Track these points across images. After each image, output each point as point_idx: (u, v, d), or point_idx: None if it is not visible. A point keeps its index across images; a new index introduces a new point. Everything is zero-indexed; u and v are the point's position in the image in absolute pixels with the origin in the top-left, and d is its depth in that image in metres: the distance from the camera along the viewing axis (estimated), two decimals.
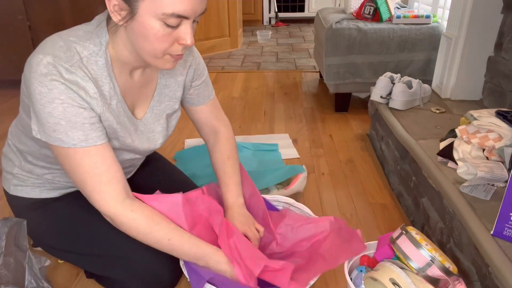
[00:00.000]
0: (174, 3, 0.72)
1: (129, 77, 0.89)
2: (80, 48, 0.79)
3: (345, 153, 1.86)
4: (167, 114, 1.01)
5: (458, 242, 1.02)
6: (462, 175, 1.12)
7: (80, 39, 0.80)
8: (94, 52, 0.81)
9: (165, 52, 0.79)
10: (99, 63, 0.81)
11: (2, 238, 0.95)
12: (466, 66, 1.66)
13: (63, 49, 0.78)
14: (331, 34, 2.09)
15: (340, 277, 1.13)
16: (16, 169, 1.02)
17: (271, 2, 5.23)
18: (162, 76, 0.97)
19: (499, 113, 1.20)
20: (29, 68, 0.77)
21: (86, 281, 1.12)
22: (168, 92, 1.00)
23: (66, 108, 0.77)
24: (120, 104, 0.87)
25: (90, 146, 0.80)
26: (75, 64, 0.78)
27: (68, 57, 0.77)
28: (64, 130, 0.78)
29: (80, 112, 0.78)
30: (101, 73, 0.82)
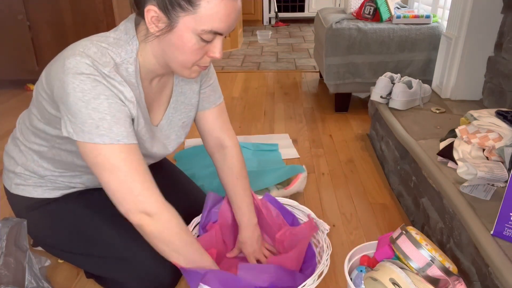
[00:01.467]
0: (214, 21, 0.75)
1: (149, 84, 0.90)
2: (113, 55, 0.80)
3: (345, 153, 1.86)
4: (183, 122, 1.02)
5: (458, 242, 1.02)
6: (462, 175, 1.12)
7: (112, 46, 0.81)
8: (126, 60, 0.82)
9: (194, 63, 0.82)
10: (129, 70, 0.83)
11: (3, 239, 0.95)
12: (466, 66, 1.66)
13: (98, 55, 0.78)
14: (331, 34, 2.09)
15: (340, 277, 1.13)
16: (19, 167, 1.01)
17: (271, 2, 5.23)
18: (177, 83, 0.98)
19: (499, 113, 1.20)
20: (65, 69, 0.76)
21: (86, 281, 1.12)
22: (184, 99, 1.00)
23: (112, 104, 0.77)
24: (142, 110, 0.88)
25: (131, 144, 0.80)
26: (113, 69, 0.79)
27: (105, 62, 0.78)
28: (108, 125, 0.77)
29: (124, 109, 0.80)
30: (130, 79, 0.83)
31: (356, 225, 1.36)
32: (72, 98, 0.75)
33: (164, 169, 1.27)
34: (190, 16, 0.74)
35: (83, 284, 1.11)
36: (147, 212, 0.81)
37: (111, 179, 0.79)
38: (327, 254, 0.96)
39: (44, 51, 2.63)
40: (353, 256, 1.00)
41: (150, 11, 0.75)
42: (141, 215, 0.81)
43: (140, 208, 0.80)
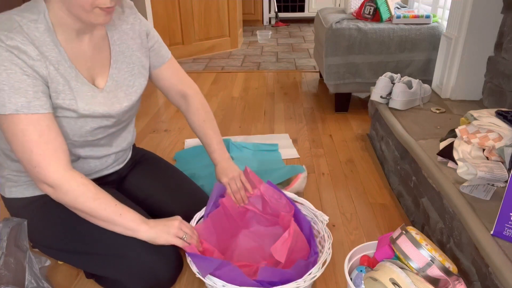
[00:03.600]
0: None
1: (77, 43, 0.91)
2: (18, 18, 0.83)
3: (345, 153, 1.86)
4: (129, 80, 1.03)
5: (458, 242, 1.02)
6: (462, 175, 1.12)
7: (20, 10, 0.84)
8: (34, 20, 0.84)
9: (93, 4, 0.82)
10: (40, 29, 0.84)
11: (3, 239, 0.95)
12: (466, 66, 1.66)
13: (2, 20, 0.82)
14: (331, 34, 2.09)
15: (340, 277, 1.13)
16: (6, 170, 1.02)
17: (271, 2, 5.23)
18: (114, 43, 1.00)
19: (499, 113, 1.20)
20: None
21: (86, 281, 1.12)
22: (124, 58, 1.02)
23: (10, 74, 0.79)
24: (71, 69, 0.89)
25: (33, 114, 0.82)
26: (14, 31, 0.81)
27: (7, 26, 0.81)
28: (7, 96, 0.80)
29: (24, 79, 0.81)
30: (43, 39, 0.84)
31: (356, 225, 1.36)
32: None
33: (163, 169, 1.27)
34: None
35: (83, 284, 1.11)
36: (47, 183, 0.85)
37: (17, 149, 0.84)
38: (329, 243, 0.97)
39: None
40: (353, 256, 1.00)
41: None
42: (43, 185, 0.86)
43: (40, 179, 0.85)
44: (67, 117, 0.90)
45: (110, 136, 1.05)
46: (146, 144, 1.95)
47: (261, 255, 1.11)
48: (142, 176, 1.21)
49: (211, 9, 3.61)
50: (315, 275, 0.89)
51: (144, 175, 1.21)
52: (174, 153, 1.84)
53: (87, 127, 0.94)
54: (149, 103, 2.51)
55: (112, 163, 1.11)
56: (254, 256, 1.11)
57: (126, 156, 1.18)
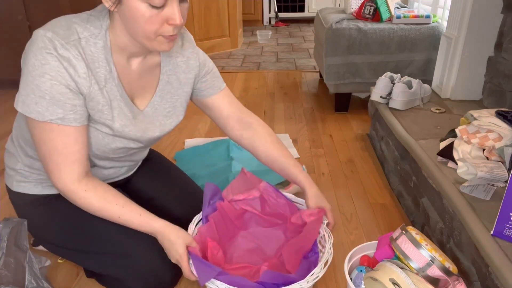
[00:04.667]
0: None
1: (126, 65, 0.91)
2: (80, 29, 0.82)
3: (345, 153, 1.86)
4: (168, 111, 1.02)
5: (458, 242, 1.02)
6: (462, 175, 1.12)
7: (82, 20, 0.83)
8: (94, 34, 0.83)
9: (156, 33, 0.81)
10: (97, 45, 0.84)
11: (4, 239, 0.96)
12: (466, 66, 1.66)
13: (63, 28, 0.81)
14: (331, 34, 2.09)
15: (340, 277, 1.13)
16: (19, 164, 1.02)
17: (271, 2, 5.23)
18: (164, 73, 0.99)
19: (499, 113, 1.20)
20: (30, 41, 0.80)
21: (86, 281, 1.12)
22: (171, 89, 1.01)
23: (54, 85, 0.80)
24: (117, 88, 0.89)
25: (65, 125, 0.83)
26: (71, 43, 0.80)
27: (66, 35, 0.80)
28: (46, 105, 0.80)
29: (66, 92, 0.81)
30: (98, 55, 0.84)
31: (356, 225, 1.36)
32: (25, 70, 0.80)
33: (167, 170, 1.27)
34: None
35: (83, 284, 1.11)
36: (60, 190, 0.89)
37: (40, 154, 0.87)
38: (330, 243, 0.97)
39: None
40: (353, 256, 1.00)
41: None
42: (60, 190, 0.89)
43: (55, 184, 0.88)
44: (98, 130, 0.90)
45: (130, 155, 1.06)
46: None
47: (261, 256, 1.11)
48: (147, 177, 1.21)
49: (211, 9, 3.62)
50: (318, 276, 0.88)
51: (149, 176, 1.21)
52: (174, 153, 1.84)
53: (113, 145, 0.94)
54: None
55: (125, 172, 1.13)
56: (253, 258, 1.11)
57: (137, 166, 1.20)
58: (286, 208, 1.11)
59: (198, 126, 2.16)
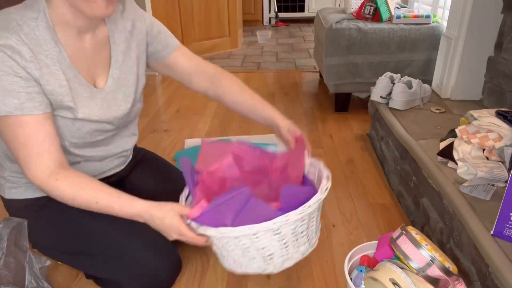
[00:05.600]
0: None
1: (78, 42, 0.90)
2: (18, 17, 0.82)
3: (345, 153, 1.86)
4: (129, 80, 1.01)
5: (458, 242, 1.02)
6: (462, 175, 1.12)
7: (18, 9, 0.84)
8: (33, 18, 0.83)
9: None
10: (40, 27, 0.83)
11: (4, 239, 0.95)
12: (466, 66, 1.66)
13: (1, 21, 0.81)
14: (331, 34, 2.09)
15: (340, 277, 1.13)
16: (6, 172, 1.01)
17: (271, 2, 5.23)
18: (114, 42, 0.98)
19: (499, 113, 1.20)
20: None
21: (86, 281, 1.12)
22: (125, 58, 1.00)
23: (2, 76, 0.79)
24: (70, 69, 0.88)
25: (25, 115, 0.82)
26: (11, 30, 0.80)
27: (4, 25, 0.80)
28: (1, 97, 0.79)
29: (16, 80, 0.80)
30: (43, 37, 0.84)
31: (356, 225, 1.36)
32: None
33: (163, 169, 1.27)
34: None
35: (83, 284, 1.11)
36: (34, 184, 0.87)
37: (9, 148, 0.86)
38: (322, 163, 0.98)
39: None
40: (353, 256, 1.00)
41: None
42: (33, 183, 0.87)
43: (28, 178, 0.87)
44: (64, 117, 0.90)
45: (110, 138, 1.04)
46: (146, 144, 1.95)
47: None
48: (142, 176, 1.20)
49: (211, 9, 3.61)
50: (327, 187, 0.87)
51: (144, 175, 1.21)
52: (174, 153, 1.84)
53: (84, 128, 0.93)
54: (149, 103, 2.51)
55: (114, 166, 1.11)
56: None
57: (127, 158, 1.18)
58: (264, 159, 1.07)
59: (198, 126, 2.16)
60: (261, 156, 1.07)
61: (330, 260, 1.20)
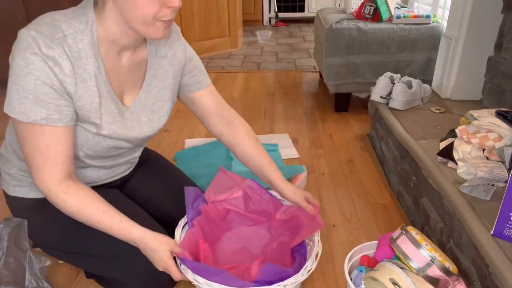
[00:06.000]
0: None
1: (117, 58, 0.90)
2: (65, 26, 0.81)
3: (345, 153, 1.86)
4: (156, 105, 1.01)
5: (458, 242, 1.02)
6: (462, 175, 1.12)
7: (67, 17, 0.82)
8: (80, 30, 0.82)
9: (155, 17, 0.80)
10: (84, 41, 0.83)
11: (4, 239, 0.95)
12: (466, 66, 1.66)
13: (47, 26, 0.80)
14: (331, 34, 2.09)
15: (340, 277, 1.13)
16: (14, 169, 1.02)
17: (271, 2, 5.23)
18: (151, 66, 0.98)
19: (499, 113, 1.20)
20: (15, 42, 0.80)
21: (86, 281, 1.12)
22: (157, 83, 1.00)
23: (38, 85, 0.79)
24: (104, 84, 0.88)
25: (49, 126, 0.82)
26: (56, 41, 0.79)
27: (51, 33, 0.79)
28: (29, 105, 0.80)
29: (50, 92, 0.81)
30: (85, 52, 0.83)
31: (356, 225, 1.36)
32: (11, 71, 0.80)
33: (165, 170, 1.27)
34: None
35: (83, 284, 1.11)
36: (41, 191, 0.88)
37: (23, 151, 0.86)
38: (317, 235, 0.99)
39: None
40: (353, 256, 1.00)
41: None
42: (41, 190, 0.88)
43: (36, 184, 0.87)
44: (86, 130, 0.90)
45: (124, 153, 1.05)
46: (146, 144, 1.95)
47: (247, 255, 1.11)
48: (145, 178, 1.20)
49: (211, 9, 3.61)
50: (311, 268, 0.90)
51: (147, 176, 1.21)
52: (174, 153, 1.84)
53: (103, 144, 0.93)
54: None
55: (120, 172, 1.12)
56: (240, 258, 1.10)
57: (134, 164, 1.19)
58: (270, 205, 1.11)
59: (198, 126, 2.15)
60: (269, 201, 1.12)
61: (330, 260, 1.20)
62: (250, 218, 1.13)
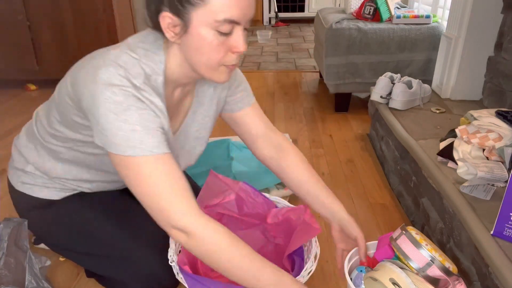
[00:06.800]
0: (225, 8, 0.72)
1: (170, 93, 0.89)
2: (144, 66, 0.79)
3: (345, 153, 1.86)
4: (199, 133, 1.00)
5: (458, 242, 1.02)
6: (462, 175, 1.12)
7: (142, 57, 0.80)
8: (156, 72, 0.80)
9: (220, 62, 0.78)
10: (158, 81, 0.81)
11: (4, 239, 0.96)
12: (466, 66, 1.66)
13: (129, 65, 0.77)
14: (331, 34, 2.09)
15: (340, 277, 1.13)
16: (29, 166, 1.00)
17: (271, 2, 5.23)
18: (197, 94, 0.96)
19: (499, 113, 1.20)
20: (97, 80, 0.75)
21: (86, 280, 1.12)
22: (202, 111, 0.98)
23: (142, 115, 0.75)
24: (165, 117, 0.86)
25: (162, 154, 0.76)
26: (143, 81, 0.78)
27: (136, 74, 0.77)
28: (139, 137, 0.74)
29: (155, 119, 0.77)
30: (158, 90, 0.82)
31: None
32: (102, 110, 0.73)
33: None
34: (201, 10, 0.72)
35: (83, 284, 1.11)
36: (180, 229, 0.76)
37: (143, 193, 0.77)
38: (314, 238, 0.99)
39: (44, 51, 2.63)
40: (353, 256, 1.00)
41: (165, 17, 0.74)
42: (175, 231, 0.76)
43: (172, 224, 0.76)
44: None
45: None
46: None
47: None
48: None
49: None
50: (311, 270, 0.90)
51: None
52: None
53: None
54: None
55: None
56: None
57: None
58: (264, 207, 1.10)
59: None
60: (263, 203, 1.10)
61: (330, 260, 1.20)
62: (245, 221, 1.13)
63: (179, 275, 0.89)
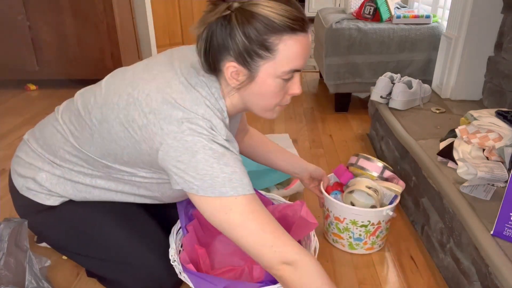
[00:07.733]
0: (293, 61, 0.77)
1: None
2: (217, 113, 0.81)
3: (345, 153, 1.86)
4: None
5: (458, 242, 1.02)
6: (462, 175, 1.12)
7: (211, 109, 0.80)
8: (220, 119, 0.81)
9: (277, 104, 0.84)
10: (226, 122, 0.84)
11: (4, 239, 0.95)
12: (466, 66, 1.66)
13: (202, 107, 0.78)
14: (331, 34, 2.09)
15: (340, 276, 1.13)
16: (42, 173, 0.97)
17: None
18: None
19: (499, 113, 1.20)
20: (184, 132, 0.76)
21: (87, 280, 1.12)
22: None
23: (236, 158, 0.79)
24: None
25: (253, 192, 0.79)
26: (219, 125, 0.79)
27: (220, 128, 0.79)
28: (239, 177, 0.77)
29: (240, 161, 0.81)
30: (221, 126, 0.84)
31: None
32: (201, 156, 0.75)
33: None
34: (270, 63, 0.76)
35: (83, 284, 1.11)
36: (286, 262, 0.76)
37: (244, 234, 0.78)
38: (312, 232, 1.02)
39: (44, 51, 2.63)
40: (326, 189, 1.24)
41: (230, 67, 0.77)
42: (281, 267, 0.77)
43: (278, 260, 0.77)
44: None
45: None
46: None
47: (241, 256, 1.10)
48: None
49: None
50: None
51: None
52: None
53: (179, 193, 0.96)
54: None
55: None
56: (234, 260, 1.10)
57: None
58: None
59: None
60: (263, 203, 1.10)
61: (330, 260, 1.20)
62: None
63: (182, 274, 0.89)
